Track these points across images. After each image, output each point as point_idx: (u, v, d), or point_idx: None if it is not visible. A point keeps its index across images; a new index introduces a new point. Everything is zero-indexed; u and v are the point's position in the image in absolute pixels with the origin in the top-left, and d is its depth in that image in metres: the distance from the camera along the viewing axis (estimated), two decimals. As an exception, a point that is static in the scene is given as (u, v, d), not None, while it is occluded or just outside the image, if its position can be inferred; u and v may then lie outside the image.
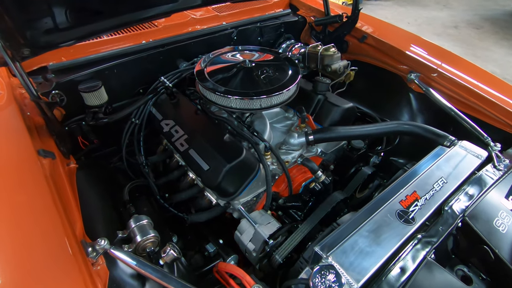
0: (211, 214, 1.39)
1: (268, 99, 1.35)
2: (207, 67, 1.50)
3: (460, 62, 1.83)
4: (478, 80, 1.67)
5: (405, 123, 1.43)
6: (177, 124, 1.47)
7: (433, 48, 1.95)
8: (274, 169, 1.41)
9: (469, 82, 1.65)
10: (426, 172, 1.19)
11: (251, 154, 1.32)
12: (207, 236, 1.42)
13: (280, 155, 1.44)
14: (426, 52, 1.86)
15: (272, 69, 1.48)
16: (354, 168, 1.65)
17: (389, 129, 1.42)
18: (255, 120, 1.51)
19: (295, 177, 1.52)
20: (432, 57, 1.82)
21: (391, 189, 1.13)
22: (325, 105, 1.57)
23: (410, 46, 1.90)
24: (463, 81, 1.66)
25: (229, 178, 1.24)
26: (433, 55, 1.84)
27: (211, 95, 1.37)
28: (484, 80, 1.68)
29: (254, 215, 1.35)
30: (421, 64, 1.80)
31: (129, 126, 1.57)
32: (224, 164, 1.21)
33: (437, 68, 1.74)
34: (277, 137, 1.54)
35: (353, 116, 1.62)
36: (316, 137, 1.40)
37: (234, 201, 1.36)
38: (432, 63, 1.77)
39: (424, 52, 1.86)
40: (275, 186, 1.48)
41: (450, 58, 1.86)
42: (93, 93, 1.47)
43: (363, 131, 1.42)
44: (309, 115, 1.56)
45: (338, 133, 1.40)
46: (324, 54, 1.82)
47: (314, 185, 1.43)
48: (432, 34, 5.88)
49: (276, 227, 1.29)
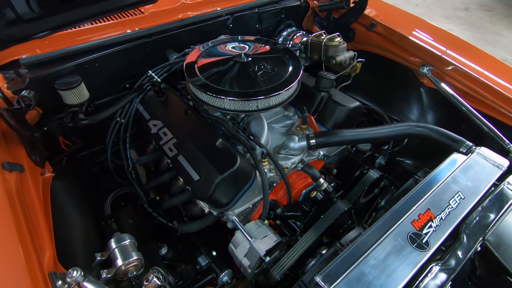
0: (203, 224, 1.29)
1: (266, 100, 1.20)
2: (198, 60, 1.34)
3: (479, 55, 1.67)
4: (497, 75, 1.52)
5: (417, 125, 1.30)
6: (165, 126, 1.33)
7: (448, 37, 1.78)
8: (272, 176, 1.29)
9: (487, 78, 1.50)
10: (441, 185, 1.06)
11: (246, 161, 1.19)
12: (199, 247, 1.32)
13: (278, 160, 1.31)
14: (440, 43, 1.69)
15: (270, 63, 1.33)
16: (358, 171, 1.53)
17: (400, 132, 1.29)
18: (252, 121, 1.37)
19: (294, 183, 1.40)
20: (447, 48, 1.66)
21: (401, 205, 1.01)
22: (329, 103, 1.42)
23: (423, 36, 1.73)
24: (481, 76, 1.50)
25: (221, 190, 1.12)
26: (448, 46, 1.67)
27: (202, 95, 1.23)
28: (503, 75, 1.53)
29: (250, 226, 1.25)
30: (435, 56, 1.63)
31: (114, 125, 1.44)
32: (216, 175, 1.09)
33: (452, 61, 1.58)
34: (275, 139, 1.41)
35: (359, 115, 1.48)
36: (319, 141, 1.27)
37: (228, 212, 1.24)
38: (448, 56, 1.61)
39: (438, 43, 1.69)
40: (273, 193, 1.36)
41: (466, 50, 1.69)
42: (72, 90, 1.32)
43: (371, 135, 1.28)
44: (311, 115, 1.42)
45: (344, 137, 1.26)
46: (329, 44, 1.65)
47: (316, 194, 1.31)
48: (441, 16, 5.59)
49: (274, 241, 1.18)
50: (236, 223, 1.22)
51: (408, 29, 1.80)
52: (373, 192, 1.51)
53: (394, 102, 1.82)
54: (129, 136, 1.43)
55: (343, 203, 1.28)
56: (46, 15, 1.04)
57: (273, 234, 1.22)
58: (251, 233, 1.21)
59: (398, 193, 1.25)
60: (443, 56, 1.61)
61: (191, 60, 1.34)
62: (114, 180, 1.45)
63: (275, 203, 1.36)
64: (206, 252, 1.29)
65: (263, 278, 1.17)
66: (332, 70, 1.76)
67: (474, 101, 1.51)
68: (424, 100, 1.74)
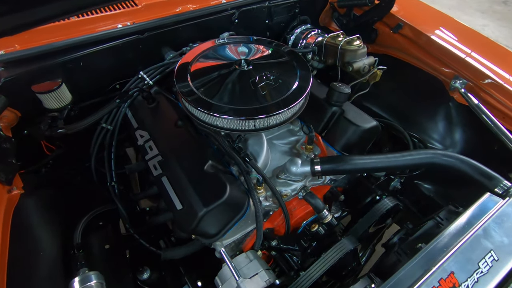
0: (188, 250, 1.15)
1: (266, 120, 1.03)
2: (193, 64, 1.17)
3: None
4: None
5: (444, 154, 1.09)
6: (151, 139, 1.18)
7: (490, 46, 1.52)
8: (268, 204, 1.13)
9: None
10: (469, 239, 0.87)
11: (238, 187, 1.04)
12: (184, 274, 1.19)
13: (277, 186, 1.15)
14: (478, 52, 1.44)
15: (275, 73, 1.14)
16: (370, 198, 1.34)
17: (422, 161, 1.09)
18: (250, 138, 1.20)
19: (294, 211, 1.24)
20: (486, 59, 1.41)
21: (419, 261, 0.83)
22: (340, 121, 1.23)
23: (458, 43, 1.49)
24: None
25: (206, 223, 0.97)
26: (487, 56, 1.43)
27: (193, 109, 1.07)
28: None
29: (240, 260, 1.10)
30: (471, 68, 1.39)
31: (99, 132, 1.30)
32: (200, 208, 0.94)
33: (491, 74, 1.34)
34: (276, 158, 1.24)
35: (375, 137, 1.28)
36: (325, 168, 1.09)
37: (216, 243, 1.10)
38: (487, 68, 1.37)
39: (476, 52, 1.44)
40: (270, 221, 1.21)
41: (510, 63, 1.44)
42: (51, 94, 1.18)
43: (387, 163, 1.09)
44: (318, 135, 1.23)
45: (355, 165, 1.08)
46: (346, 48, 1.44)
47: (317, 228, 1.15)
48: (475, 10, 5.12)
49: (265, 281, 1.03)
50: (223, 256, 1.08)
51: (441, 33, 1.55)
52: (384, 222, 1.33)
53: (417, 118, 1.60)
54: (115, 145, 1.29)
55: (348, 240, 1.11)
56: (11, 10, 0.89)
57: (265, 272, 1.07)
58: (240, 270, 1.07)
59: (415, 236, 1.07)
60: (480, 69, 1.37)
61: (184, 62, 1.17)
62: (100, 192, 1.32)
63: (271, 232, 1.21)
64: (190, 282, 1.16)
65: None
66: (348, 76, 1.56)
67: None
68: (453, 118, 1.51)
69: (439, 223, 1.04)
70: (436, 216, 1.06)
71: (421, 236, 1.05)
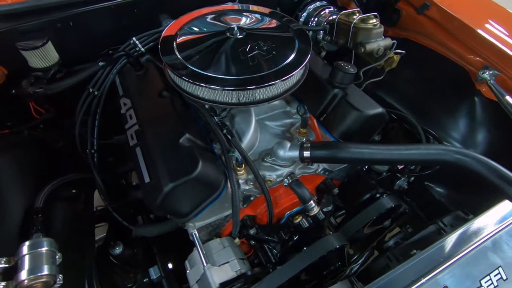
0: (162, 229, 1.08)
1: (250, 93, 0.91)
2: (179, 32, 1.07)
3: None
4: None
5: (458, 151, 0.92)
6: (133, 107, 1.10)
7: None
8: (249, 188, 1.03)
9: None
10: (474, 250, 0.73)
11: (215, 166, 0.94)
12: (155, 254, 1.12)
13: (261, 170, 1.04)
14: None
15: (269, 43, 1.02)
16: (368, 195, 1.20)
17: (431, 157, 0.94)
18: (237, 115, 1.09)
19: (280, 200, 1.13)
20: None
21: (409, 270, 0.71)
22: (341, 105, 1.09)
23: (494, 28, 1.28)
24: None
25: (173, 200, 0.88)
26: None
27: (173, 75, 0.97)
28: None
29: (212, 246, 1.01)
30: (505, 56, 1.20)
31: (85, 97, 1.24)
32: (166, 182, 0.85)
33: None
34: (266, 140, 1.13)
35: (380, 126, 1.13)
36: (315, 155, 0.97)
37: (188, 224, 1.02)
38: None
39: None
40: (252, 208, 1.10)
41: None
42: (36, 51, 1.13)
43: (388, 156, 0.95)
44: (313, 118, 1.10)
45: (350, 154, 0.94)
46: (359, 27, 1.28)
47: (300, 220, 1.03)
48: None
49: (235, 271, 0.94)
50: (194, 239, 0.99)
51: (475, 16, 1.35)
52: (382, 223, 1.19)
53: (436, 112, 1.42)
54: (100, 112, 1.23)
55: (335, 238, 0.99)
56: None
57: (237, 261, 0.97)
58: (210, 256, 0.98)
59: (412, 241, 0.93)
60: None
61: (170, 32, 1.07)
62: (82, 160, 1.27)
63: (252, 219, 1.11)
64: (160, 262, 1.09)
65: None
66: (363, 62, 1.40)
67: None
68: (477, 114, 1.32)
69: (441, 229, 0.89)
70: (439, 221, 0.91)
71: (418, 241, 0.91)
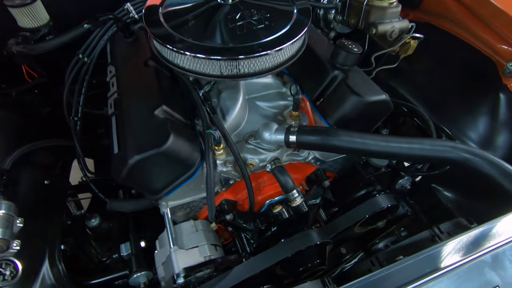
0: (138, 206, 1.02)
1: (234, 64, 0.82)
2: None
3: None
4: None
5: (468, 149, 0.80)
6: (115, 75, 1.04)
7: None
8: (228, 171, 0.95)
9: None
10: (468, 263, 0.62)
11: (190, 143, 0.87)
12: (130, 231, 1.08)
13: (244, 152, 0.96)
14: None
15: (264, 13, 0.91)
16: (363, 192, 1.09)
17: (435, 154, 0.82)
18: (224, 91, 1.01)
19: (264, 186, 1.04)
20: None
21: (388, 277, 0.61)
22: (341, 88, 0.97)
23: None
24: None
25: (139, 173, 0.82)
26: None
27: (155, 41, 0.89)
28: None
29: (184, 228, 0.95)
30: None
31: (75, 63, 1.19)
32: (132, 154, 0.78)
33: None
34: (254, 122, 1.03)
35: (382, 115, 1.01)
36: (302, 139, 0.87)
37: (161, 202, 0.96)
38: None
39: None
40: (232, 192, 1.03)
41: None
42: (24, 9, 1.09)
43: (384, 148, 0.83)
44: (306, 100, 1.00)
45: (340, 142, 0.84)
46: (373, 4, 1.14)
47: (280, 210, 0.94)
48: None
49: (203, 257, 0.88)
50: (165, 218, 0.93)
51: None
52: (375, 224, 1.08)
53: (453, 108, 1.27)
54: (87, 80, 1.18)
55: (317, 233, 0.90)
56: None
57: (208, 246, 0.91)
58: (180, 238, 0.92)
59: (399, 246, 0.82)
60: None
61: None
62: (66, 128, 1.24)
63: (233, 205, 1.03)
64: (133, 239, 1.04)
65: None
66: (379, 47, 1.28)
67: None
68: (501, 113, 1.16)
69: (436, 235, 0.78)
70: (435, 227, 0.79)
71: (407, 247, 0.80)
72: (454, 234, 0.78)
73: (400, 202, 1.27)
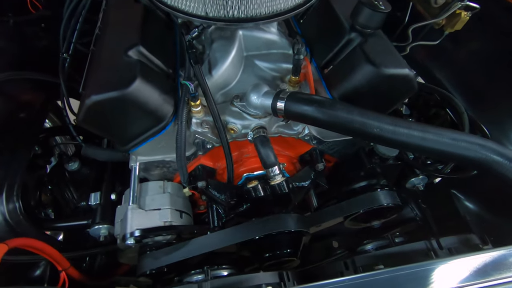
0: (110, 157, 0.96)
1: (221, 3, 0.67)
2: None
3: None
4: None
5: (500, 151, 0.61)
6: (103, 10, 0.94)
7: None
8: (205, 132, 0.83)
9: None
10: None
11: (164, 93, 0.76)
12: (104, 180, 1.03)
13: (225, 115, 0.83)
14: None
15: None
16: (365, 183, 0.93)
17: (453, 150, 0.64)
18: (217, 40, 0.87)
19: (247, 157, 0.92)
20: None
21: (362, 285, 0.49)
22: (354, 54, 0.79)
23: None
24: None
25: (97, 117, 0.73)
26: None
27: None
28: None
29: (150, 186, 0.88)
30: None
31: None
32: (89, 94, 0.69)
33: None
34: (248, 82, 0.87)
35: (403, 94, 0.82)
36: (290, 108, 0.72)
37: (132, 155, 0.88)
38: None
39: None
40: (210, 158, 0.92)
41: None
42: None
43: (390, 134, 0.66)
44: (308, 62, 0.83)
45: (334, 117, 0.68)
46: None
47: (255, 185, 0.81)
48: None
49: (161, 221, 0.80)
50: (132, 173, 0.86)
51: None
52: (369, 222, 0.93)
53: (500, 103, 1.03)
54: (83, 15, 1.09)
55: (294, 219, 0.77)
56: None
57: (171, 211, 0.82)
58: (144, 197, 0.85)
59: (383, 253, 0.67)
60: None
61: None
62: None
63: (211, 173, 0.93)
64: (105, 189, 0.99)
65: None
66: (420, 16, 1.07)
67: None
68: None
69: (432, 250, 0.62)
70: (434, 240, 0.63)
71: (393, 256, 0.65)
72: (457, 253, 0.62)
73: (410, 204, 1.10)
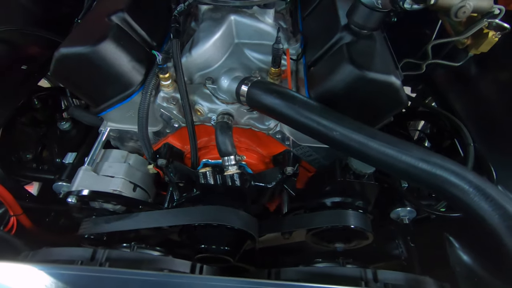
0: (94, 121, 0.97)
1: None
2: None
3: None
4: None
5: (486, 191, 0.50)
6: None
7: None
8: (171, 108, 0.81)
9: None
10: None
11: (135, 60, 0.75)
12: (84, 142, 1.05)
13: (194, 95, 0.80)
14: None
15: None
16: (338, 199, 0.83)
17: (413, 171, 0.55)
18: (206, 20, 0.84)
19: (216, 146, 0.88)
20: None
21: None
22: (339, 53, 0.72)
23: None
24: None
25: (65, 70, 0.74)
26: None
27: None
28: None
29: (113, 154, 0.88)
30: None
31: None
32: (60, 46, 0.70)
33: None
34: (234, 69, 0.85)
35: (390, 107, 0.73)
36: (252, 94, 0.67)
37: (104, 120, 0.89)
38: None
39: None
40: (179, 139, 0.90)
41: None
42: None
43: (351, 142, 0.58)
44: (289, 57, 0.77)
45: (293, 112, 0.62)
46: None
47: (206, 172, 0.77)
48: None
49: (111, 189, 0.79)
50: (99, 136, 0.86)
51: None
52: (332, 242, 0.83)
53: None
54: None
55: (242, 218, 0.72)
56: None
57: (124, 182, 0.81)
58: (103, 162, 0.85)
59: (311, 272, 0.58)
60: None
61: None
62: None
63: (178, 154, 0.90)
64: (81, 153, 1.01)
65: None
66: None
67: None
68: None
69: (364, 280, 0.52)
70: (371, 269, 0.53)
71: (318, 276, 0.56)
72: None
73: (397, 240, 0.98)
